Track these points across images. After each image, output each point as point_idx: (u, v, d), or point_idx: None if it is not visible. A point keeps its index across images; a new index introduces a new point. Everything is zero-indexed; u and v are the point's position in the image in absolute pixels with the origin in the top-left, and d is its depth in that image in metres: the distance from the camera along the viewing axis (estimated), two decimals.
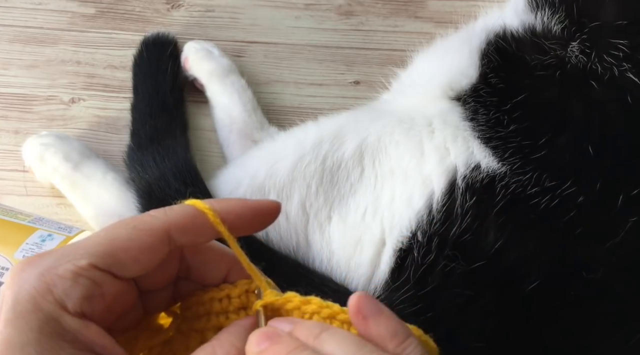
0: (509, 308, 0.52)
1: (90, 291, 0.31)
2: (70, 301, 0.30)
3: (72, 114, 0.78)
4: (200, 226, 0.34)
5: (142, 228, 0.33)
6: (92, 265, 0.31)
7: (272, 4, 0.86)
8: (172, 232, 0.34)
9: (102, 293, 0.32)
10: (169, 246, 0.34)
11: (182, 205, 0.35)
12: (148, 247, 0.33)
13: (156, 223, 0.34)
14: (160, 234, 0.33)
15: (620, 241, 0.51)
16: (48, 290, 0.30)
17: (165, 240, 0.33)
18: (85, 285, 0.31)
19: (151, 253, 0.33)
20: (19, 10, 0.84)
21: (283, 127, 0.74)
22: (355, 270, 0.57)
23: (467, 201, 0.54)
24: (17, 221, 0.59)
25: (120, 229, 0.33)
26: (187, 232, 0.34)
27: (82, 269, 0.31)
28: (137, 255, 0.33)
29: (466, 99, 0.60)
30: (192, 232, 0.34)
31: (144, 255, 0.33)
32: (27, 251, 0.56)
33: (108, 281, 0.32)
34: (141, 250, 0.33)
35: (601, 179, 0.53)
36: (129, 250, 0.32)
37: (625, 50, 0.56)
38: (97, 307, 0.32)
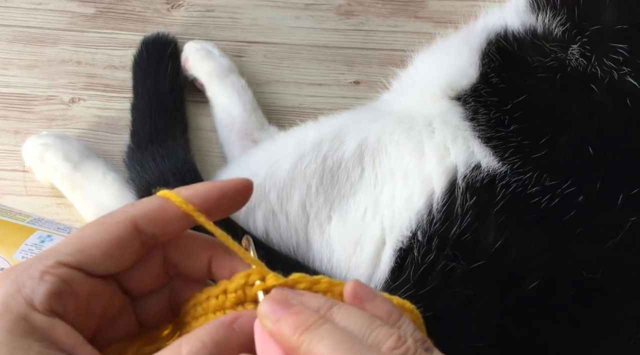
0: (509, 308, 0.52)
1: (58, 288, 0.31)
2: (37, 298, 0.30)
3: (72, 114, 0.78)
4: (170, 215, 0.34)
5: (110, 221, 0.33)
6: (60, 263, 0.32)
7: (272, 4, 0.86)
8: (140, 223, 0.33)
9: (72, 291, 0.32)
10: (139, 238, 0.33)
11: (152, 197, 0.35)
12: (116, 239, 0.33)
13: (123, 216, 0.33)
14: (127, 226, 0.33)
15: (620, 241, 0.51)
16: (18, 291, 0.31)
17: (134, 232, 0.33)
18: (51, 281, 0.31)
19: (120, 246, 0.33)
20: (19, 10, 0.84)
21: (283, 127, 0.74)
22: (355, 269, 0.57)
23: (468, 201, 0.54)
24: (17, 222, 0.59)
25: (90, 226, 0.34)
26: (155, 221, 0.34)
27: (49, 268, 0.31)
28: (107, 249, 0.33)
29: (466, 98, 0.60)
30: (161, 221, 0.34)
31: (114, 249, 0.33)
32: (26, 252, 0.56)
33: (78, 278, 0.32)
34: (110, 244, 0.33)
35: (601, 179, 0.53)
36: (97, 245, 0.32)
37: (625, 54, 0.56)
38: (69, 306, 0.31)
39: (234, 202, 0.36)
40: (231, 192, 0.36)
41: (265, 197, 0.59)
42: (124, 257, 0.33)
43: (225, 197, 0.35)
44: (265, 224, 0.60)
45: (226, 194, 0.35)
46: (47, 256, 0.32)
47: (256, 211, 0.60)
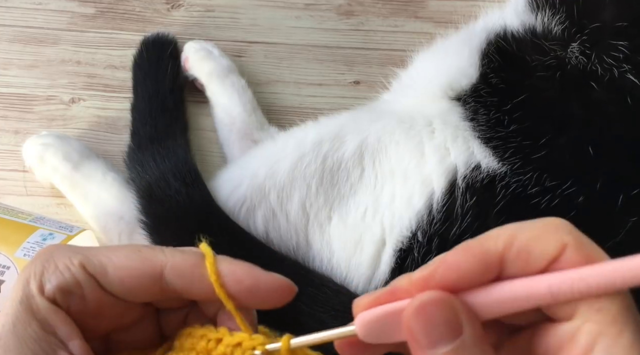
0: None
1: (69, 285, 0.32)
2: (47, 286, 0.32)
3: (72, 114, 0.78)
4: (197, 279, 0.32)
5: (143, 255, 0.33)
6: (82, 265, 0.32)
7: (272, 4, 0.86)
8: (167, 273, 0.32)
9: (82, 294, 0.32)
10: (159, 285, 0.32)
11: (192, 250, 0.34)
12: (137, 274, 0.32)
13: (157, 256, 0.33)
14: (153, 268, 0.32)
15: (621, 241, 0.51)
16: (41, 272, 0.32)
17: (157, 278, 0.32)
18: (66, 277, 0.32)
19: (139, 282, 0.32)
20: (19, 10, 0.84)
21: (283, 127, 0.74)
22: (355, 270, 0.57)
23: (468, 201, 0.54)
24: (18, 220, 0.59)
25: (127, 248, 0.33)
26: (181, 278, 0.32)
27: (72, 264, 0.32)
28: (124, 278, 0.32)
29: (466, 99, 0.60)
30: (187, 281, 0.32)
31: (131, 281, 0.32)
32: (28, 250, 0.56)
33: (91, 286, 0.32)
34: (129, 275, 0.32)
35: (601, 179, 0.53)
36: (119, 269, 0.32)
37: (625, 52, 0.56)
38: (73, 304, 0.32)
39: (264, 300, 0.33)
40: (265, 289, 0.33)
41: (265, 197, 0.59)
42: (137, 292, 0.33)
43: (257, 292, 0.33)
44: (265, 224, 0.60)
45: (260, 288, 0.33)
46: (79, 253, 0.33)
47: (256, 211, 0.60)
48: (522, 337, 0.30)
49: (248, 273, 0.33)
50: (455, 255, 0.29)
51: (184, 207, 0.61)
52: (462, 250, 0.29)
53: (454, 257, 0.29)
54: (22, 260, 0.55)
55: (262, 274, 0.33)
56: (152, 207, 0.62)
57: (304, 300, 0.54)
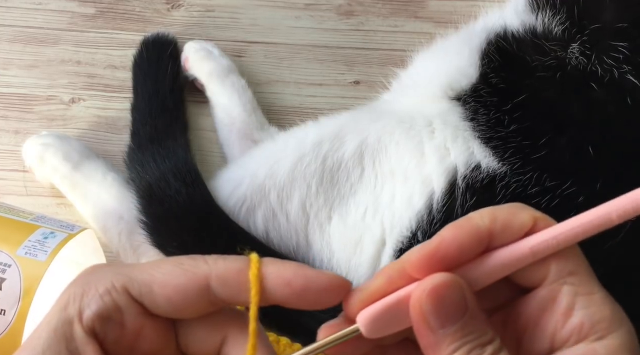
0: None
1: (109, 312, 0.30)
2: (86, 312, 0.30)
3: (72, 114, 0.78)
4: (243, 286, 0.31)
5: (187, 268, 0.31)
6: (124, 289, 0.31)
7: (272, 4, 0.86)
8: (213, 283, 0.31)
9: (122, 321, 0.31)
10: (208, 296, 0.31)
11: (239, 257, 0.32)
12: (183, 289, 0.30)
13: (201, 267, 0.31)
14: (199, 280, 0.31)
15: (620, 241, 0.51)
16: (80, 296, 0.30)
17: (204, 289, 0.31)
18: (106, 303, 0.30)
19: (185, 297, 0.31)
20: (19, 10, 0.84)
21: (283, 127, 0.74)
22: (355, 270, 0.57)
23: (468, 201, 0.54)
24: (19, 219, 0.59)
25: (168, 263, 0.32)
26: (228, 287, 0.31)
27: (114, 289, 0.31)
28: (170, 295, 0.31)
29: (466, 99, 0.60)
30: (233, 288, 0.31)
31: (177, 297, 0.31)
32: (29, 248, 0.56)
33: (133, 311, 0.31)
34: (175, 290, 0.30)
35: (601, 179, 0.53)
36: (164, 287, 0.31)
37: (625, 53, 0.56)
38: (111, 333, 0.31)
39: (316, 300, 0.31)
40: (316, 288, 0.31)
41: (265, 197, 0.59)
42: (186, 308, 0.31)
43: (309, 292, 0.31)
44: (265, 224, 0.60)
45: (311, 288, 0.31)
46: (121, 274, 0.31)
47: (256, 211, 0.60)
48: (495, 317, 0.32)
49: (296, 274, 0.31)
50: (451, 232, 0.30)
51: (184, 207, 0.61)
52: (455, 227, 0.30)
53: (451, 234, 0.30)
54: (24, 258, 0.55)
55: (311, 273, 0.31)
56: (152, 207, 0.62)
57: None
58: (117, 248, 0.66)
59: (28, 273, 0.54)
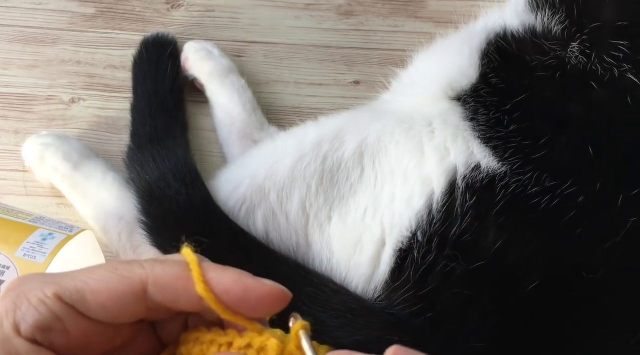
0: (509, 308, 0.52)
1: (48, 323, 0.29)
2: (23, 325, 0.29)
3: (72, 114, 0.78)
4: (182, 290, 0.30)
5: (121, 273, 0.30)
6: (57, 296, 0.29)
7: (272, 4, 0.86)
8: (150, 289, 0.30)
9: (64, 328, 0.29)
10: (144, 303, 0.30)
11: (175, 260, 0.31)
12: (119, 295, 0.30)
13: (137, 272, 0.30)
14: (135, 286, 0.30)
15: (620, 241, 0.51)
16: (13, 311, 0.29)
17: (140, 295, 0.30)
18: (43, 314, 0.29)
19: (120, 304, 0.30)
20: (19, 10, 0.84)
21: (283, 127, 0.74)
22: (355, 270, 0.57)
23: (467, 201, 0.54)
24: (18, 220, 0.59)
25: (103, 269, 0.31)
26: (165, 291, 0.30)
27: (47, 298, 0.29)
28: (104, 302, 0.30)
29: (466, 99, 0.60)
30: (171, 294, 0.30)
31: (113, 303, 0.30)
32: (28, 250, 0.56)
33: (73, 317, 0.30)
34: (110, 297, 0.30)
35: (601, 179, 0.53)
36: (98, 294, 0.30)
37: (625, 51, 0.56)
38: (57, 340, 0.29)
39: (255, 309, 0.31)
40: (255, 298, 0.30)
41: (265, 197, 0.59)
42: (122, 315, 0.30)
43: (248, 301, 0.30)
44: (265, 225, 0.60)
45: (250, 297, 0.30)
46: (51, 283, 0.30)
47: (256, 211, 0.60)
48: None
49: (236, 281, 0.30)
50: None
51: (183, 207, 0.61)
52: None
53: None
54: (22, 260, 0.55)
55: (251, 281, 0.30)
56: (152, 207, 0.62)
57: (304, 301, 0.54)
58: (117, 248, 0.66)
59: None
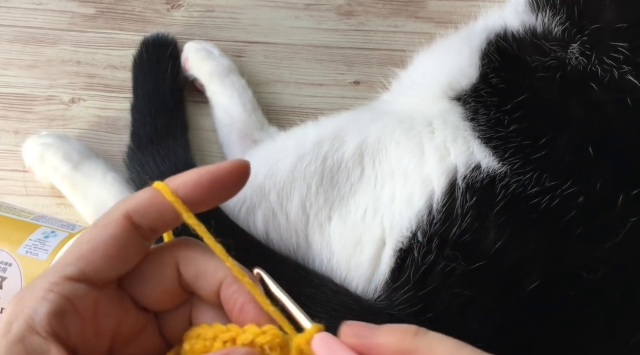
0: (509, 308, 0.52)
1: (59, 307, 0.29)
2: (37, 319, 0.29)
3: (72, 114, 0.78)
4: (161, 207, 0.32)
5: (104, 222, 0.32)
6: (64, 277, 0.30)
7: (272, 4, 0.86)
8: (134, 217, 0.32)
9: (76, 309, 0.30)
10: (137, 233, 0.32)
11: (144, 189, 0.33)
12: (113, 238, 0.31)
13: (116, 213, 0.32)
14: (121, 223, 0.32)
15: (620, 241, 0.51)
16: (21, 312, 0.29)
17: (130, 227, 0.32)
18: (52, 300, 0.30)
19: (119, 244, 0.31)
20: (19, 10, 0.84)
21: (283, 127, 0.74)
22: (355, 270, 0.57)
23: (467, 201, 0.54)
24: (20, 218, 0.59)
25: (87, 232, 0.32)
26: (149, 214, 0.32)
27: (53, 285, 0.30)
28: (105, 250, 0.31)
29: (466, 99, 0.60)
30: (154, 213, 0.32)
31: (113, 248, 0.31)
32: (30, 247, 0.56)
33: (83, 293, 0.30)
34: (107, 244, 0.31)
35: (601, 179, 0.53)
36: (95, 248, 0.31)
37: (625, 53, 0.56)
38: (72, 326, 0.30)
39: (227, 186, 0.33)
40: (224, 176, 0.33)
41: (265, 197, 0.59)
42: (125, 255, 0.32)
43: (218, 181, 0.33)
44: (265, 224, 0.60)
45: (219, 177, 0.33)
46: (53, 271, 0.31)
47: (256, 211, 0.60)
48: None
49: (200, 174, 0.33)
50: None
51: None
52: None
53: None
54: (25, 257, 0.55)
55: (211, 167, 0.33)
56: None
57: (304, 301, 0.54)
58: None
59: (29, 272, 0.54)
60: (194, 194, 0.33)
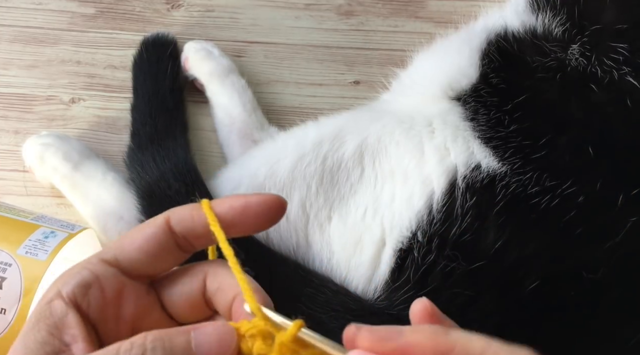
0: (509, 308, 0.52)
1: (86, 279, 0.33)
2: (65, 288, 0.33)
3: (72, 114, 0.78)
4: (197, 220, 0.35)
5: (147, 223, 0.36)
6: (100, 259, 0.34)
7: (272, 4, 0.86)
8: (173, 223, 0.35)
9: (100, 285, 0.33)
10: (172, 238, 0.35)
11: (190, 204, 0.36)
12: (150, 236, 0.35)
13: (161, 216, 0.36)
14: (160, 225, 0.35)
15: (620, 241, 0.51)
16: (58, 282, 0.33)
17: (167, 231, 0.35)
18: (83, 275, 0.33)
19: (154, 242, 0.35)
20: (19, 10, 0.84)
21: (283, 127, 0.74)
22: (355, 270, 0.57)
23: (467, 201, 0.54)
24: (20, 218, 0.59)
25: (132, 229, 0.36)
26: (183, 221, 0.35)
27: (89, 263, 0.34)
28: (141, 245, 0.35)
29: (466, 99, 0.60)
30: (187, 222, 0.35)
31: (147, 245, 0.35)
32: (30, 248, 0.56)
33: (110, 274, 0.34)
34: (143, 240, 0.35)
35: (601, 179, 0.53)
36: (134, 241, 0.35)
37: (625, 54, 0.56)
38: (94, 300, 0.33)
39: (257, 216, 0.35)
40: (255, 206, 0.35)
41: None
42: (158, 255, 0.35)
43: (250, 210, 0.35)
44: None
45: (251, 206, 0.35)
46: (94, 255, 0.35)
47: None
48: None
49: (237, 197, 0.35)
50: None
51: None
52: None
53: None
54: (24, 257, 0.55)
55: (250, 195, 0.36)
56: (152, 207, 0.62)
57: (304, 301, 0.54)
58: None
59: (29, 272, 0.54)
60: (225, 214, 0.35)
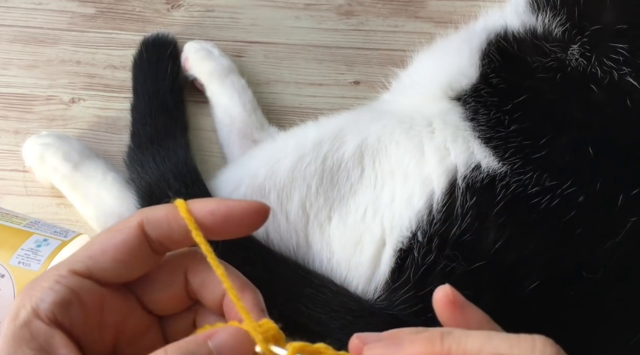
0: (509, 308, 0.52)
1: (64, 298, 0.31)
2: (42, 307, 0.31)
3: (72, 114, 0.78)
4: (173, 223, 0.33)
5: (118, 227, 0.33)
6: (71, 271, 0.32)
7: (272, 4, 0.86)
8: (146, 228, 0.33)
9: (81, 301, 0.32)
10: (147, 243, 0.33)
11: (163, 204, 0.35)
12: (123, 244, 0.33)
13: (131, 221, 0.34)
14: (134, 231, 0.33)
15: (620, 241, 0.51)
16: (29, 299, 0.31)
17: (141, 237, 0.33)
18: (59, 291, 0.31)
19: (128, 250, 0.33)
20: (19, 10, 0.84)
21: (283, 127, 0.74)
22: (355, 270, 0.57)
23: (468, 201, 0.54)
24: (12, 225, 0.58)
25: (101, 234, 0.34)
26: (160, 228, 0.33)
27: (61, 276, 0.32)
28: (114, 254, 0.33)
29: (466, 99, 0.60)
30: (165, 228, 0.33)
31: (121, 254, 0.33)
32: (22, 257, 0.55)
33: (89, 288, 0.32)
34: (116, 248, 0.33)
35: (601, 179, 0.53)
36: (105, 251, 0.33)
37: (625, 54, 0.56)
38: (75, 317, 0.31)
39: (241, 223, 0.34)
40: (240, 213, 0.34)
41: (265, 197, 0.59)
42: (133, 263, 0.33)
43: (233, 216, 0.34)
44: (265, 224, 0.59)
45: (234, 213, 0.34)
46: (63, 264, 0.32)
47: None
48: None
49: (219, 203, 0.34)
50: None
51: None
52: None
53: None
54: (17, 268, 0.54)
55: (232, 201, 0.34)
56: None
57: (304, 302, 0.54)
58: None
59: (21, 283, 0.54)
60: (205, 220, 0.33)
